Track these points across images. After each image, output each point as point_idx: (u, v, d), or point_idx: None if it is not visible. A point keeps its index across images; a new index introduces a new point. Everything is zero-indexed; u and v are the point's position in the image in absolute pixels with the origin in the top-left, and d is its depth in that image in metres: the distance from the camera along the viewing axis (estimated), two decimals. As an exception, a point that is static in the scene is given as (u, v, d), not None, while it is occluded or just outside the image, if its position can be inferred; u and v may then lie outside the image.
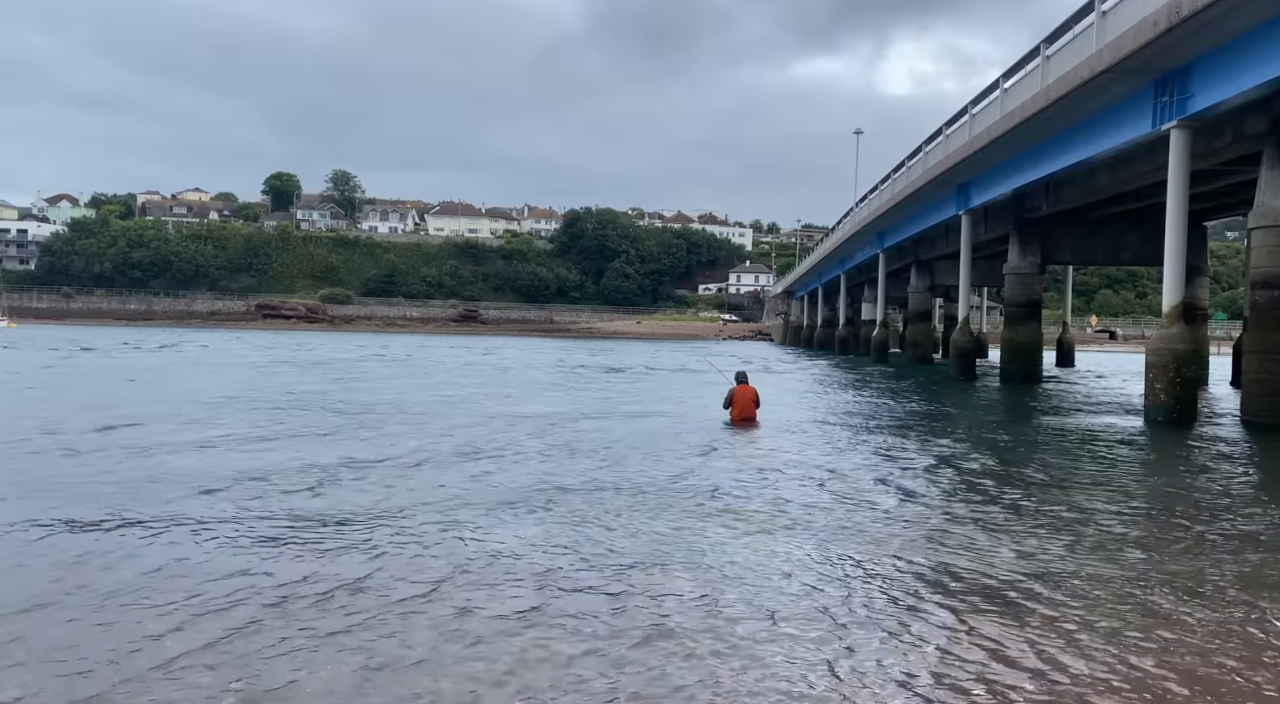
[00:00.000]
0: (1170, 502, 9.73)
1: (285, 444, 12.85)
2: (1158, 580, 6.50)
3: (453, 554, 6.95)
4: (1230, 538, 7.93)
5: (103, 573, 6.32)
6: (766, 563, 6.82)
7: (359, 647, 4.99)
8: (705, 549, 7.20)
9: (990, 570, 6.69)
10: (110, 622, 5.33)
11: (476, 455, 12.08)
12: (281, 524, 7.82)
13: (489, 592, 6.01)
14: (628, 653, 4.96)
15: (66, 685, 4.45)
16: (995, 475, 11.25)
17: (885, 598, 6.01)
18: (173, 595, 5.79)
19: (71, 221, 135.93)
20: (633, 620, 5.48)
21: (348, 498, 9.06)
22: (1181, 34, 15.30)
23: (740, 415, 15.87)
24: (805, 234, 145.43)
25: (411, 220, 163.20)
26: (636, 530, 7.83)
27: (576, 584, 6.20)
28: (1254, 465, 13.05)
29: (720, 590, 6.10)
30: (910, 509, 8.99)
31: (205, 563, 6.60)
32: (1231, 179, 22.89)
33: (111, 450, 11.95)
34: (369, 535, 7.46)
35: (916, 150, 34.92)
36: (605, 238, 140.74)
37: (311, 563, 6.62)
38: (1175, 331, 17.70)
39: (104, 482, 9.72)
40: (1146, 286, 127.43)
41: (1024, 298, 30.46)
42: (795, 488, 10.02)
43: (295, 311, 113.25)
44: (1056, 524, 8.34)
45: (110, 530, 7.53)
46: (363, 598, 5.83)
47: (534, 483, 10.06)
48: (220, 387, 23.29)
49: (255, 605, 5.63)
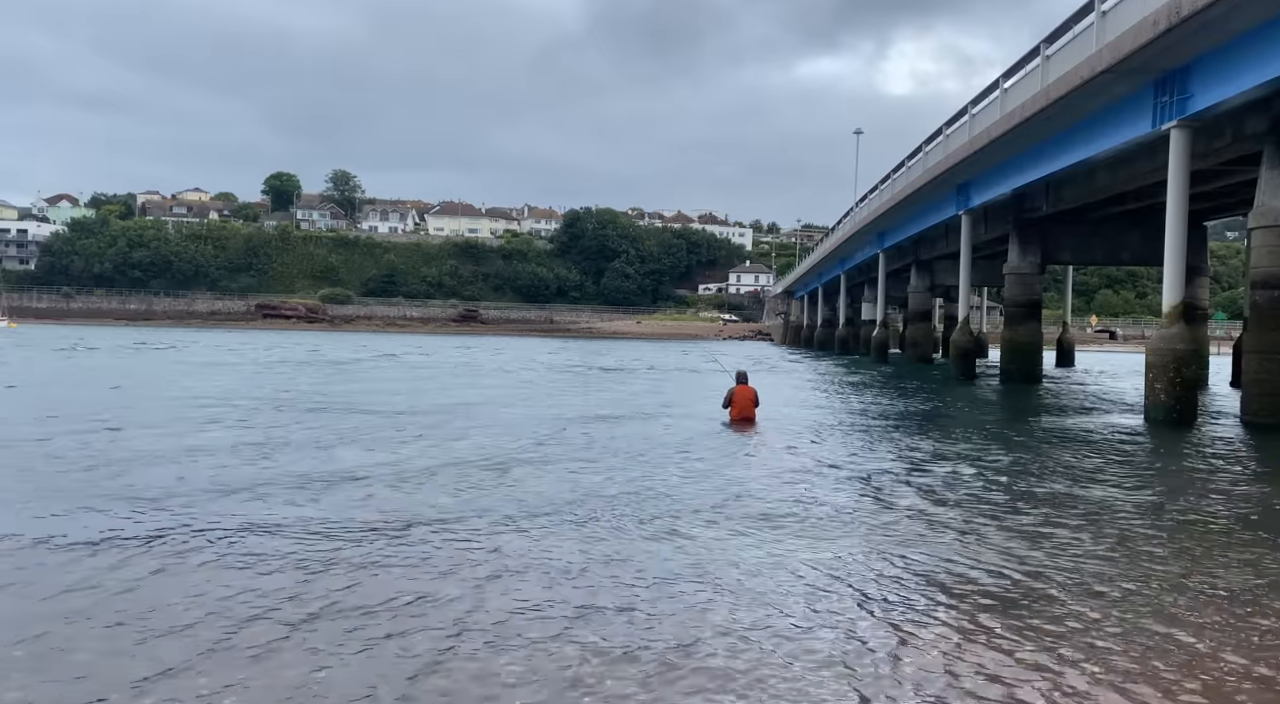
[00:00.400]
0: (1170, 502, 9.72)
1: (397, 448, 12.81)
2: (1157, 580, 6.50)
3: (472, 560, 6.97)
4: (1230, 537, 7.94)
5: (201, 568, 6.37)
6: (768, 563, 6.82)
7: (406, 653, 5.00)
8: (706, 549, 7.21)
9: (990, 570, 6.69)
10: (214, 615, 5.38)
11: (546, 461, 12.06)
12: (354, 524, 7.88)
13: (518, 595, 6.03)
14: (641, 657, 4.97)
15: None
16: (995, 476, 11.25)
17: (887, 598, 6.01)
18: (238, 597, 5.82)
19: (71, 221, 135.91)
20: (646, 628, 5.48)
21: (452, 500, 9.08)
22: (1181, 34, 15.31)
23: (739, 415, 15.87)
24: (805, 234, 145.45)
25: (411, 220, 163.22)
26: (643, 533, 7.84)
27: (592, 586, 6.21)
28: (1254, 465, 13.05)
29: (724, 590, 6.11)
30: (911, 509, 8.99)
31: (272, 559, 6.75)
32: (1231, 179, 22.90)
33: (243, 450, 12.18)
34: (429, 541, 7.49)
35: (916, 150, 34.91)
36: (605, 238, 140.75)
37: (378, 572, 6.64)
38: (1175, 332, 17.71)
39: (215, 479, 9.83)
40: (1146, 286, 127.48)
41: (1024, 298, 30.48)
42: (794, 488, 10.02)
43: (295, 312, 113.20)
44: (1056, 524, 8.34)
45: (202, 530, 7.60)
46: (403, 604, 5.80)
47: (567, 493, 10.06)
48: (290, 387, 23.66)
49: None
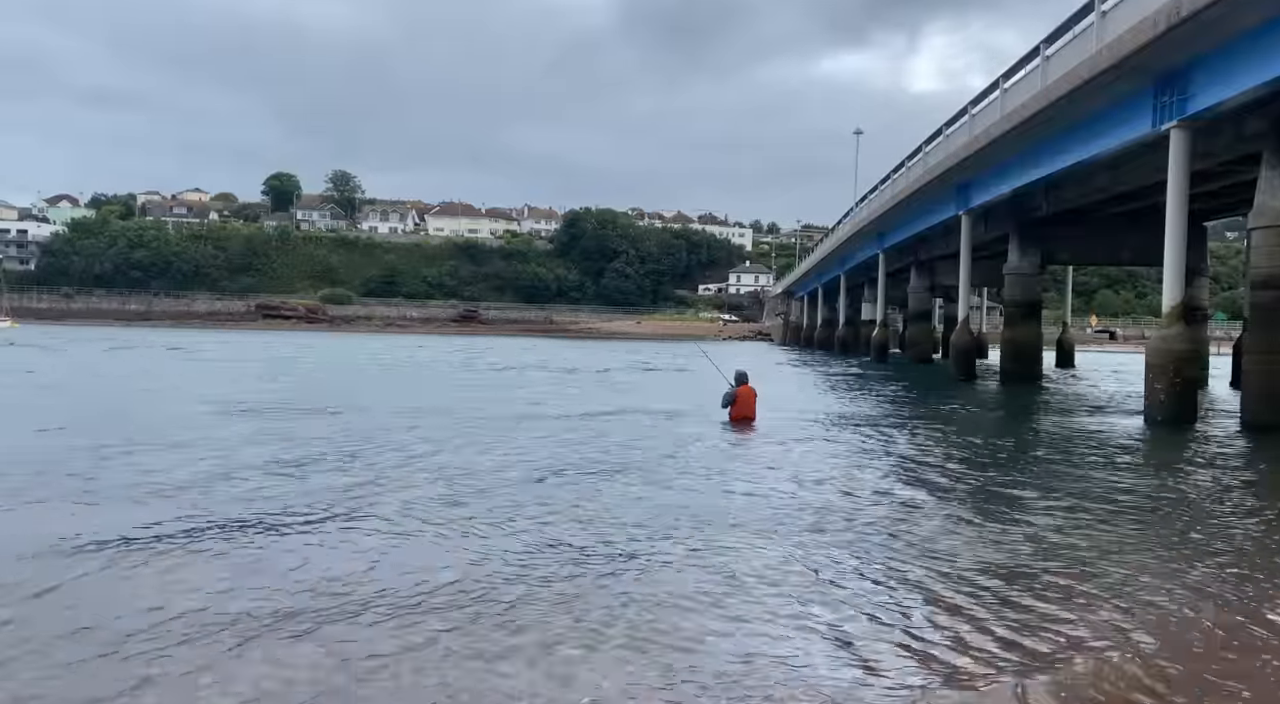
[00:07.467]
0: (1170, 502, 9.73)
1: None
2: (1157, 580, 6.50)
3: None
4: (1229, 537, 7.94)
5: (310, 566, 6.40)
6: (768, 563, 6.81)
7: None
8: (704, 550, 7.20)
9: (990, 569, 6.69)
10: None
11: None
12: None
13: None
14: (632, 653, 4.98)
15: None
16: (995, 476, 11.25)
17: (889, 598, 6.02)
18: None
19: (71, 222, 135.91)
20: (641, 622, 5.49)
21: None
22: (1181, 34, 15.30)
23: (739, 416, 15.87)
24: (805, 234, 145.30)
25: (411, 221, 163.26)
26: (643, 533, 7.83)
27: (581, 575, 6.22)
28: (1253, 466, 13.04)
29: (727, 591, 6.11)
30: (911, 509, 8.99)
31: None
32: (1231, 179, 22.87)
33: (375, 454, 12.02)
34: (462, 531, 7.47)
35: (916, 150, 34.92)
36: (605, 238, 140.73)
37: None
38: (1175, 332, 17.70)
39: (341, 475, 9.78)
40: (1146, 286, 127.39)
41: (1024, 298, 30.46)
42: (794, 488, 10.01)
43: (295, 312, 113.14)
44: (1056, 524, 8.34)
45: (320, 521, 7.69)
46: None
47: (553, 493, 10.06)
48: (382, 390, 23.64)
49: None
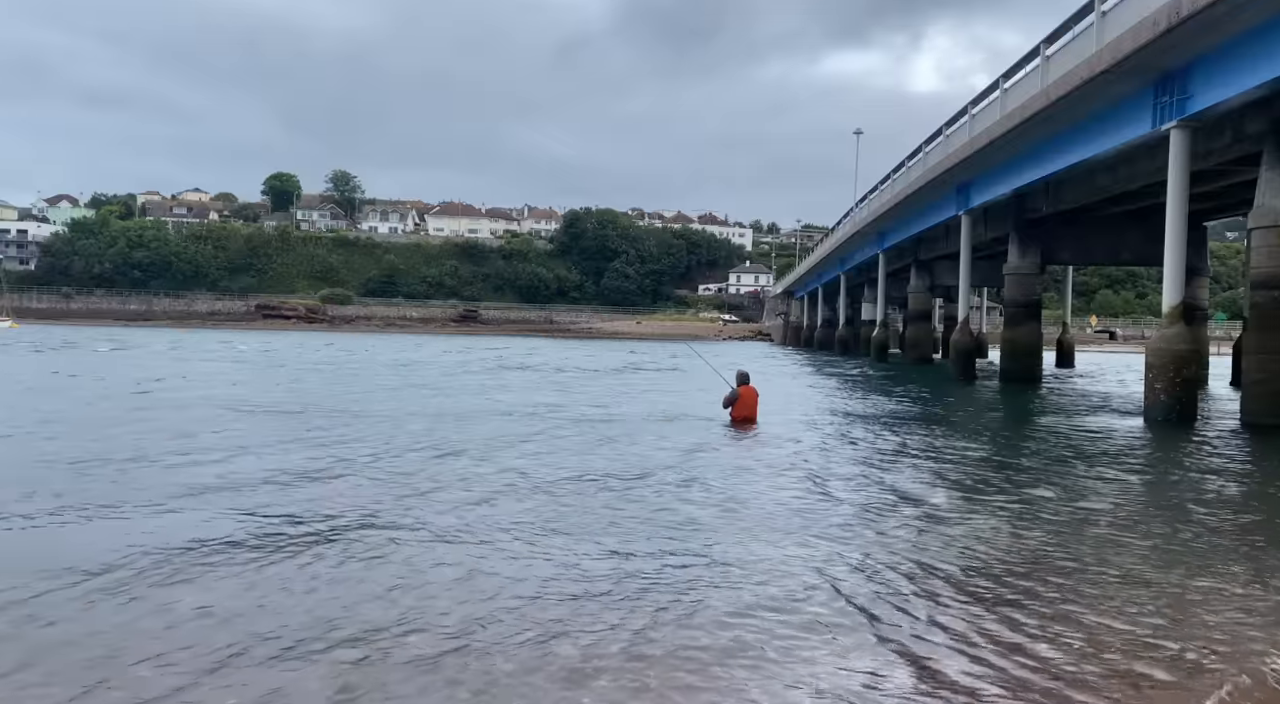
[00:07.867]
0: (1169, 502, 9.74)
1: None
2: (1157, 580, 6.51)
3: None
4: (1229, 537, 7.95)
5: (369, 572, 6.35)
6: (770, 562, 6.83)
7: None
8: (706, 549, 7.21)
9: (989, 569, 6.71)
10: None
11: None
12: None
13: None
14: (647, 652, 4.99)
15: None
16: (995, 476, 11.26)
17: (890, 597, 6.02)
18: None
19: (71, 222, 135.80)
20: (652, 626, 5.50)
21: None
22: (1181, 34, 15.32)
23: (741, 415, 15.87)
24: (805, 234, 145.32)
25: (411, 221, 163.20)
26: (644, 533, 7.85)
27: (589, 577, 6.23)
28: (1253, 466, 13.05)
29: (731, 591, 6.12)
30: (911, 509, 9.00)
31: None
32: (1231, 179, 22.89)
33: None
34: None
35: (916, 150, 34.94)
36: (605, 238, 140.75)
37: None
38: (1175, 332, 17.71)
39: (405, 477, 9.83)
40: (1146, 286, 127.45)
41: (1024, 298, 30.48)
42: (795, 488, 10.03)
43: (295, 312, 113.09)
44: (1056, 524, 8.35)
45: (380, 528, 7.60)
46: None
47: (560, 496, 10.07)
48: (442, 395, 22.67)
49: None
